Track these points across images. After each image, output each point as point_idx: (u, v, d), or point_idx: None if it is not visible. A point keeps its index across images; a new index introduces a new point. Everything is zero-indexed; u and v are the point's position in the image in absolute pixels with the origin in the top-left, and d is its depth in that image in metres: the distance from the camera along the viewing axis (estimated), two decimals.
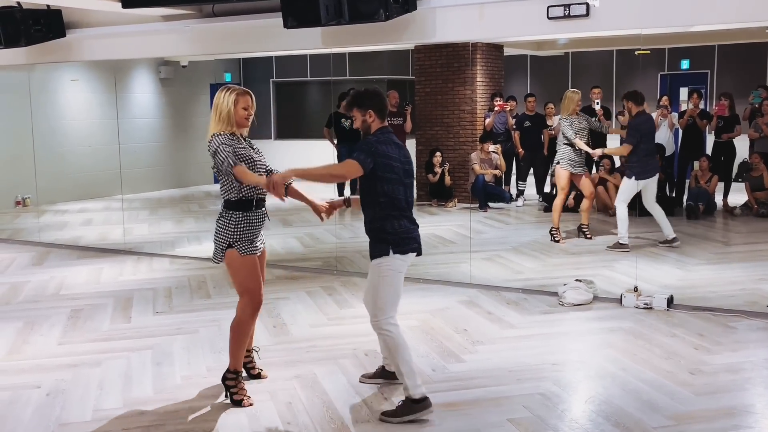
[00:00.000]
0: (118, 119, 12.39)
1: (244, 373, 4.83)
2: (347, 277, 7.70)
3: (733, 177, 11.05)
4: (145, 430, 4.22)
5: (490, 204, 11.36)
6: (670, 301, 6.40)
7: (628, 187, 8.37)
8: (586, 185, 8.94)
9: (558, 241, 8.87)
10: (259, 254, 4.69)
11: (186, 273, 8.06)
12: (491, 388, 4.73)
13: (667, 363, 5.11)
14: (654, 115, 10.85)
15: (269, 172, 4.73)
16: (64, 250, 9.46)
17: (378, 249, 4.43)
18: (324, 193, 13.16)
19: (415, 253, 4.49)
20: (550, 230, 9.02)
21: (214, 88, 15.68)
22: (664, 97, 11.25)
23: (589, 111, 9.43)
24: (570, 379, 4.87)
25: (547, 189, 11.47)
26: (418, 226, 4.53)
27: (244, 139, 4.71)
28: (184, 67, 14.80)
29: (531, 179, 11.64)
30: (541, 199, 11.43)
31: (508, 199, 11.61)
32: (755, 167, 10.52)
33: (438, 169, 11.60)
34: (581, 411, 4.42)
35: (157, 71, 14.81)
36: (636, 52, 9.62)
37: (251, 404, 4.53)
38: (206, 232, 10.40)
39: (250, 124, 4.64)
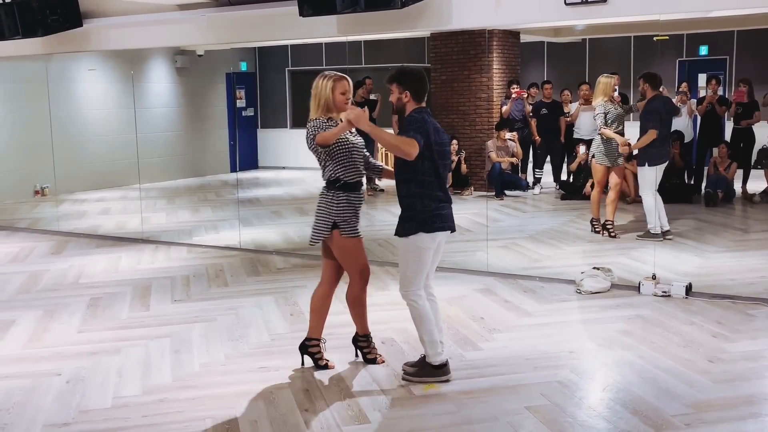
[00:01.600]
0: (135, 109, 12.44)
1: (326, 357, 5.01)
2: None
3: (753, 164, 10.94)
4: (164, 417, 4.25)
5: (507, 192, 11.33)
6: (688, 289, 6.36)
7: (645, 175, 8.22)
8: (612, 175, 8.54)
9: (599, 233, 8.56)
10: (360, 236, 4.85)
11: (203, 262, 8.10)
12: (508, 376, 4.73)
13: (686, 351, 5.09)
14: (673, 101, 10.77)
15: (366, 157, 4.89)
16: (82, 239, 9.53)
17: (406, 227, 4.55)
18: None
19: (443, 232, 4.59)
20: (591, 221, 8.73)
21: (230, 77, 15.73)
22: (684, 84, 11.16)
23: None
24: (587, 367, 4.86)
25: (563, 177, 11.42)
26: (450, 203, 4.64)
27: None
28: (200, 56, 14.83)
29: (548, 167, 11.59)
30: (558, 187, 11.38)
31: (525, 186, 11.57)
32: None
33: (454, 157, 11.57)
34: (599, 399, 4.41)
35: (173, 60, 14.85)
36: (654, 38, 9.55)
37: (333, 366, 4.91)
38: (223, 221, 10.46)
39: (348, 107, 4.68)
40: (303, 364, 4.96)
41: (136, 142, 11.10)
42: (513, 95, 11.45)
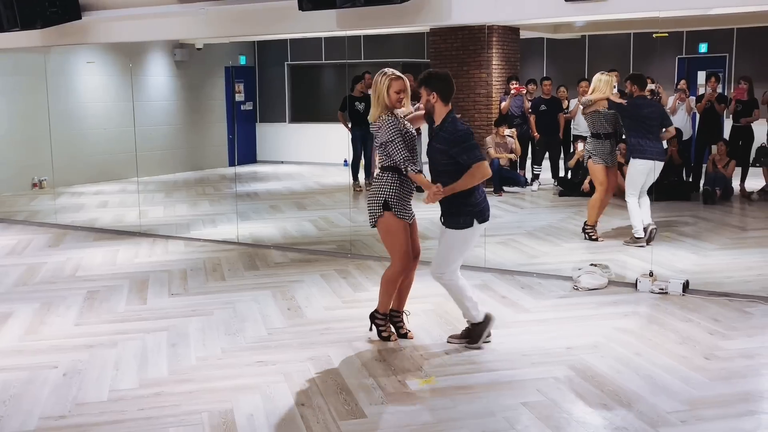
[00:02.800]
0: (133, 102, 12.42)
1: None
2: (361, 260, 7.71)
3: (751, 162, 10.94)
4: (160, 410, 4.25)
5: (505, 188, 11.33)
6: (685, 286, 6.36)
7: (631, 174, 8.00)
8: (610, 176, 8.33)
9: (594, 239, 8.19)
10: (410, 222, 5.16)
11: (201, 255, 8.09)
12: (505, 372, 4.74)
13: (682, 348, 5.09)
14: (671, 99, 10.77)
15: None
16: (80, 232, 9.52)
17: (458, 221, 4.95)
18: (337, 177, 13.18)
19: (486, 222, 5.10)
20: (584, 228, 8.34)
21: (228, 71, 15.70)
22: (683, 81, 11.15)
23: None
24: (584, 364, 4.86)
25: (562, 173, 11.43)
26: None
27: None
28: (199, 49, 14.80)
29: (546, 163, 11.59)
30: (556, 183, 11.38)
31: (523, 183, 11.57)
32: None
33: None
34: (595, 395, 4.41)
35: (172, 54, 14.82)
36: (654, 35, 9.54)
37: (396, 340, 5.25)
38: (221, 215, 10.45)
39: (403, 105, 5.03)
40: (370, 329, 5.35)
41: (134, 136, 11.08)
42: (512, 91, 11.45)
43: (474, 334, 5.17)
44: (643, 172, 7.90)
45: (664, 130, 8.11)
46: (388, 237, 5.08)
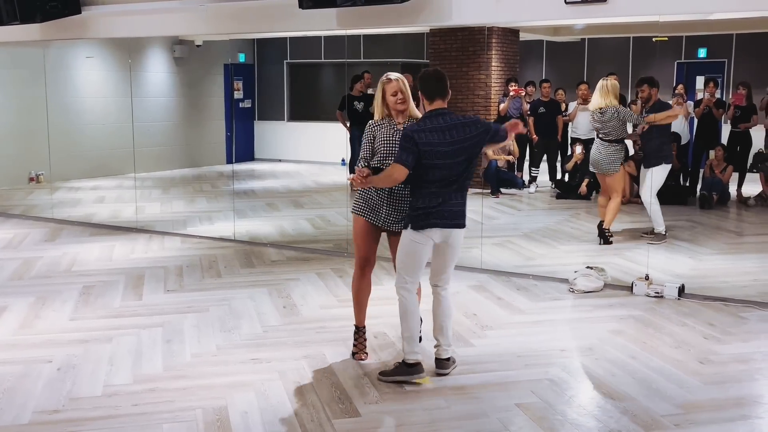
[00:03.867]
0: (132, 97, 12.40)
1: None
2: None
3: (748, 167, 10.96)
4: (154, 406, 4.25)
5: (503, 190, 11.33)
6: (681, 290, 6.37)
7: (656, 177, 8.13)
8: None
9: (610, 241, 8.17)
10: (377, 225, 4.90)
11: (197, 252, 8.09)
12: (499, 373, 4.74)
13: (677, 352, 5.10)
14: (669, 103, 10.76)
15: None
16: (76, 227, 9.51)
17: (404, 222, 4.65)
18: (334, 176, 13.18)
19: (433, 229, 4.53)
20: (605, 229, 8.23)
21: (227, 68, 15.69)
22: (680, 86, 11.16)
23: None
24: (578, 366, 4.87)
25: (559, 176, 11.42)
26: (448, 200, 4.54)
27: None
28: (198, 46, 14.79)
29: (544, 165, 11.59)
30: (553, 186, 11.38)
31: (521, 185, 11.56)
32: None
33: None
34: (589, 397, 4.42)
35: (171, 50, 14.81)
36: (653, 39, 9.54)
37: (361, 359, 4.95)
38: (218, 212, 10.44)
39: (403, 107, 4.83)
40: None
41: (132, 131, 11.06)
42: (511, 93, 11.43)
43: (395, 371, 4.61)
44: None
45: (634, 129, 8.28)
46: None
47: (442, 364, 4.72)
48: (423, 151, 4.38)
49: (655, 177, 8.12)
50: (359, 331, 5.06)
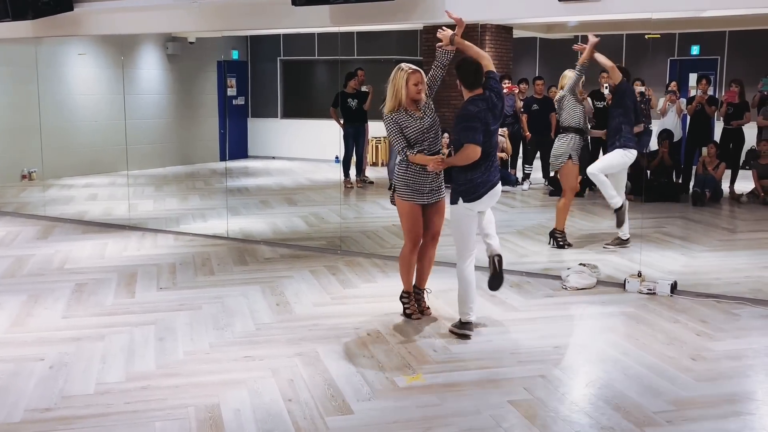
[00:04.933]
0: (124, 95, 12.36)
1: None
2: (351, 257, 7.71)
3: (741, 164, 10.99)
4: (146, 404, 4.24)
5: None
6: (673, 287, 6.39)
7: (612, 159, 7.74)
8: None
9: (563, 246, 7.91)
10: (424, 203, 5.53)
11: (190, 250, 8.07)
12: (492, 370, 4.74)
13: (669, 348, 5.11)
14: (662, 100, 10.79)
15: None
16: (69, 225, 9.48)
17: (452, 198, 5.36)
18: (328, 173, 13.17)
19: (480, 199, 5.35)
20: (555, 234, 8.00)
21: (221, 65, 15.65)
22: (673, 83, 11.19)
23: (598, 95, 9.36)
24: (571, 363, 4.88)
25: (552, 173, 11.43)
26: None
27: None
28: (191, 43, 14.74)
29: (537, 163, 11.60)
30: (547, 183, 11.39)
31: (514, 182, 11.57)
32: (763, 154, 10.47)
33: (445, 151, 11.52)
34: (582, 394, 4.43)
35: (164, 47, 14.76)
36: (646, 36, 9.55)
37: (419, 318, 5.65)
38: (211, 209, 10.42)
39: (420, 95, 5.43)
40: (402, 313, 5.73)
41: (125, 129, 11.04)
42: (504, 90, 11.42)
43: (457, 326, 5.35)
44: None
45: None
46: (400, 217, 5.55)
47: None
48: (484, 130, 5.10)
49: (609, 157, 7.72)
50: (410, 295, 5.69)
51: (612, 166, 7.75)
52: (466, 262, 5.36)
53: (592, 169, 7.75)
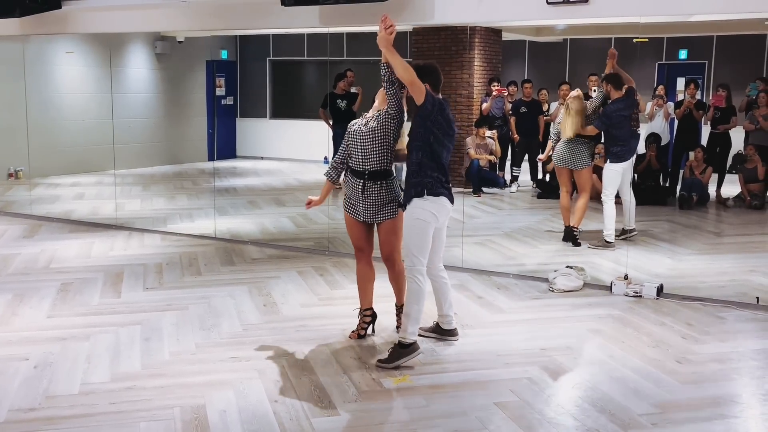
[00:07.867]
0: (112, 94, 12.31)
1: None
2: (339, 257, 7.70)
3: (728, 168, 11.05)
4: (132, 404, 4.22)
5: (484, 189, 11.35)
6: (659, 290, 6.41)
7: (609, 176, 8.06)
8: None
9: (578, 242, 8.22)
10: (360, 220, 5.25)
11: (177, 250, 8.04)
12: (479, 372, 4.75)
13: (655, 351, 5.13)
14: (649, 104, 10.83)
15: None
16: (55, 224, 9.43)
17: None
18: (317, 174, 13.15)
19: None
20: (573, 231, 8.24)
21: (210, 65, 15.60)
22: (660, 87, 11.23)
23: (586, 98, 9.38)
24: (557, 365, 4.89)
25: (540, 175, 11.46)
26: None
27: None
28: (180, 42, 14.68)
29: (525, 165, 11.63)
30: (535, 186, 11.42)
31: (503, 184, 11.59)
32: (750, 159, 10.53)
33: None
34: (568, 396, 4.44)
35: (153, 46, 14.70)
36: (634, 40, 9.58)
37: (353, 338, 5.33)
38: (198, 209, 10.39)
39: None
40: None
41: (112, 128, 10.98)
42: (493, 93, 11.47)
43: (392, 356, 4.77)
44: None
45: None
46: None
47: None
48: (444, 127, 4.87)
49: (605, 180, 8.10)
50: (362, 312, 5.35)
51: (613, 185, 8.08)
52: (420, 268, 4.87)
53: (604, 198, 8.09)
